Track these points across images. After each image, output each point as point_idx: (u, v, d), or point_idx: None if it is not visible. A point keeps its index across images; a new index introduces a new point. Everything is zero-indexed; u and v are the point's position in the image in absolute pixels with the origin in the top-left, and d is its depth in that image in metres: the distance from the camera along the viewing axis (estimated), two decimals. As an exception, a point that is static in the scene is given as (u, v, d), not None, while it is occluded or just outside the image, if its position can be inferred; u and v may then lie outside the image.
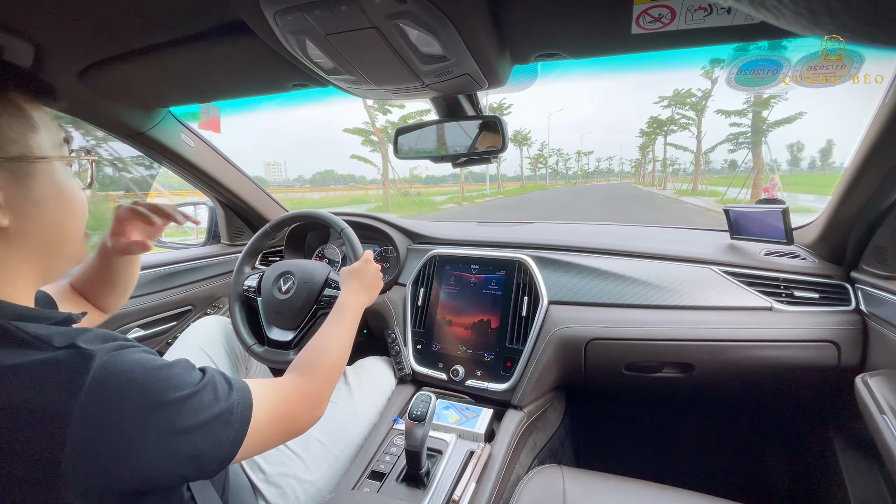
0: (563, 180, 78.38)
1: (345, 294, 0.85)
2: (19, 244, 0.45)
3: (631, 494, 0.77)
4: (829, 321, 0.93)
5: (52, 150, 0.47)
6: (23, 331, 0.40)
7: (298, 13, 0.55)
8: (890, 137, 0.74)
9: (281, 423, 0.54)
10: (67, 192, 0.49)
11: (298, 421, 0.58)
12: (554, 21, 0.61)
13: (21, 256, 0.45)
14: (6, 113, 0.43)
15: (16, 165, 0.43)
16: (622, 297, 1.03)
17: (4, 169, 0.43)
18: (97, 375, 0.38)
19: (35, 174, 0.45)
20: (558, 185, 60.09)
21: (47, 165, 0.46)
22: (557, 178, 76.23)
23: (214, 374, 0.49)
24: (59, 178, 0.48)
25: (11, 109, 0.44)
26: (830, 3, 0.15)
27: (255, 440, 0.50)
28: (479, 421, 0.95)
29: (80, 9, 0.61)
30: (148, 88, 0.93)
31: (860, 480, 0.95)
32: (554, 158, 74.97)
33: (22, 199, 0.44)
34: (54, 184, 0.47)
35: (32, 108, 0.46)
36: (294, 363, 0.66)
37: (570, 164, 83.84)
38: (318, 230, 1.48)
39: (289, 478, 0.79)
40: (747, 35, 0.61)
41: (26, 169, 0.44)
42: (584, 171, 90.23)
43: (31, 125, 0.45)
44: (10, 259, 0.45)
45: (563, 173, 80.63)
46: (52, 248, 0.48)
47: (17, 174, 0.44)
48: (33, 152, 0.45)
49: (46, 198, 0.46)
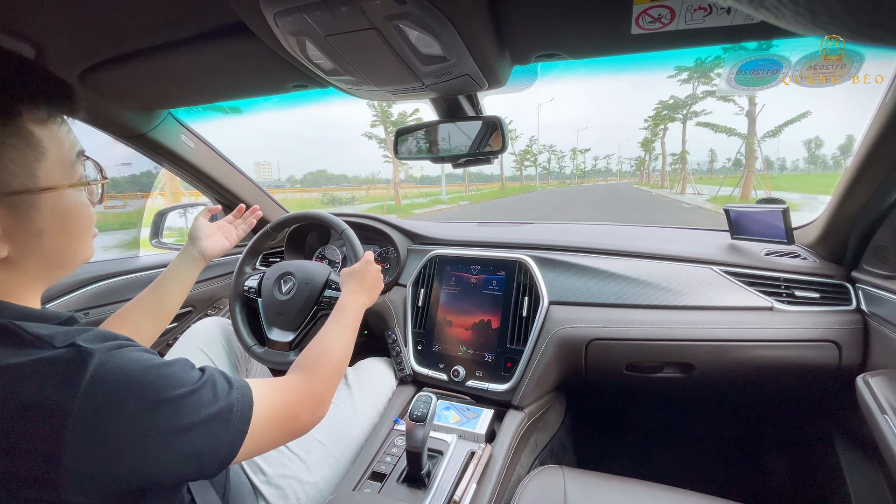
0: (557, 180, 72.93)
1: (345, 295, 0.85)
2: (24, 267, 0.45)
3: (632, 495, 0.77)
4: (829, 321, 0.93)
5: (62, 173, 0.46)
6: (25, 331, 0.40)
7: (298, 14, 0.55)
8: (890, 137, 0.74)
9: (283, 423, 0.54)
10: (74, 215, 0.47)
11: (300, 421, 0.57)
12: (554, 21, 0.61)
13: (26, 277, 0.46)
14: (8, 146, 0.41)
15: (17, 199, 0.42)
16: (623, 298, 1.03)
17: (5, 204, 0.42)
18: (96, 373, 0.38)
19: (38, 205, 0.44)
20: (550, 186, 53.68)
21: (53, 193, 0.45)
22: (550, 177, 70.97)
23: (214, 372, 0.49)
24: (65, 203, 0.46)
25: (15, 141, 0.42)
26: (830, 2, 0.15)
27: (257, 440, 0.49)
28: (480, 421, 0.95)
29: (80, 10, 0.61)
30: (148, 90, 0.93)
31: (861, 480, 0.94)
32: (545, 155, 69.80)
33: (23, 230, 0.43)
34: (58, 211, 0.46)
35: (43, 130, 0.44)
36: (296, 363, 0.66)
37: (563, 161, 77.29)
38: (319, 231, 1.48)
39: (290, 479, 0.79)
40: (747, 35, 0.61)
41: (28, 201, 0.43)
42: (581, 171, 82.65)
43: (39, 153, 0.43)
44: (15, 282, 0.45)
45: (557, 172, 75.43)
46: (56, 266, 0.48)
47: (19, 207, 0.43)
48: (38, 183, 0.43)
49: (48, 227, 0.45)
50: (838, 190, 0.90)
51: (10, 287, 0.45)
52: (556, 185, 61.81)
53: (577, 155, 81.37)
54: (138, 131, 1.08)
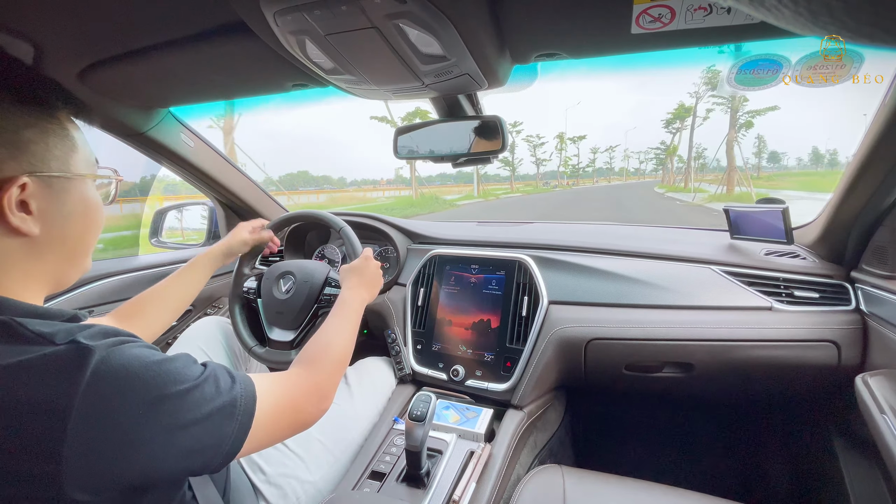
0: (562, 181, 70.12)
1: (345, 291, 0.85)
2: (43, 252, 0.47)
3: (631, 494, 0.77)
4: (829, 321, 0.93)
5: (86, 168, 0.51)
6: (26, 328, 0.40)
7: (298, 13, 0.55)
8: (890, 137, 0.74)
9: (287, 416, 0.54)
10: (93, 207, 0.52)
11: (304, 413, 0.57)
12: (554, 21, 0.61)
13: (42, 263, 0.48)
14: (54, 133, 0.47)
15: (55, 180, 0.47)
16: (622, 297, 1.03)
17: (45, 183, 0.46)
18: (96, 370, 0.38)
19: (70, 189, 0.49)
20: (557, 189, 48.37)
21: (81, 182, 0.50)
22: (561, 178, 68.21)
23: (216, 367, 0.49)
24: (90, 195, 0.52)
25: (58, 129, 0.48)
26: (830, 2, 0.15)
27: (261, 433, 0.49)
28: (480, 421, 0.95)
29: (79, 9, 0.61)
30: (148, 88, 0.93)
31: (860, 480, 0.95)
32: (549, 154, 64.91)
33: (54, 212, 0.47)
34: (84, 199, 0.51)
35: (74, 127, 0.50)
36: (298, 357, 0.66)
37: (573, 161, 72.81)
38: (318, 230, 1.48)
39: (289, 478, 0.79)
40: (747, 35, 0.61)
41: (64, 184, 0.48)
42: (573, 168, 75.26)
43: (73, 145, 0.49)
44: (32, 266, 0.47)
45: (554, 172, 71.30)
46: (70, 258, 0.51)
47: (55, 188, 0.47)
48: (71, 170, 0.49)
49: (75, 211, 0.49)
50: (838, 190, 0.90)
51: (24, 277, 0.46)
52: (563, 187, 57.25)
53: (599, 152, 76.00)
54: (138, 130, 1.08)
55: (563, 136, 56.54)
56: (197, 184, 1.37)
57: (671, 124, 39.42)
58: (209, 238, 1.62)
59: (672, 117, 36.73)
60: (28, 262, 0.46)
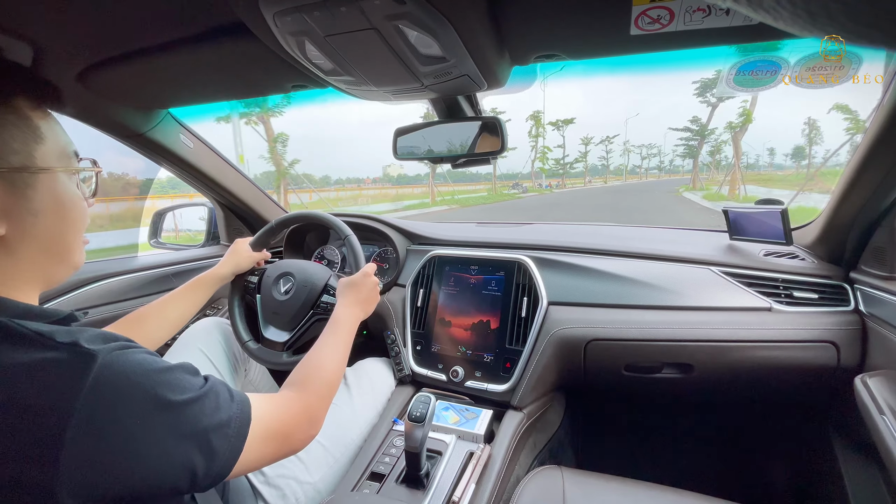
0: (540, 180, 63.64)
1: (340, 307, 0.86)
2: (19, 251, 0.45)
3: (630, 495, 0.77)
4: (828, 322, 0.93)
5: (57, 161, 0.47)
6: (25, 328, 0.40)
7: (298, 14, 0.55)
8: (888, 138, 0.74)
9: (276, 441, 0.54)
10: (68, 203, 0.48)
11: (294, 439, 0.57)
12: (553, 22, 0.61)
13: (22, 263, 0.46)
14: (8, 123, 0.43)
15: (16, 176, 0.43)
16: (622, 298, 1.03)
17: (4, 179, 0.43)
18: (98, 376, 0.38)
19: (35, 185, 0.45)
20: (553, 192, 40.13)
21: (49, 176, 0.46)
22: (538, 177, 60.59)
23: (216, 383, 0.48)
24: (61, 188, 0.48)
25: (14, 119, 0.44)
26: (828, 4, 0.15)
27: (251, 457, 0.49)
28: (479, 422, 0.95)
29: (78, 9, 0.61)
30: (147, 89, 0.93)
31: (859, 481, 0.95)
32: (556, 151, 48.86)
33: (20, 209, 0.44)
34: (54, 194, 0.47)
35: (39, 117, 0.46)
36: (289, 379, 0.66)
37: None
38: (318, 231, 1.48)
39: (289, 479, 0.79)
40: (746, 36, 0.61)
41: (27, 179, 0.44)
42: (557, 163, 56.25)
43: (37, 136, 0.45)
44: (12, 266, 0.45)
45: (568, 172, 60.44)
46: (51, 256, 0.48)
47: (17, 184, 0.44)
48: (36, 163, 0.45)
49: (45, 208, 0.46)
50: (837, 191, 0.90)
51: (9, 278, 0.45)
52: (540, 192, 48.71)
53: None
54: (137, 131, 1.08)
55: (539, 119, 36.82)
56: (196, 184, 1.37)
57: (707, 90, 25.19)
58: (208, 239, 1.62)
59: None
60: (5, 261, 0.44)
